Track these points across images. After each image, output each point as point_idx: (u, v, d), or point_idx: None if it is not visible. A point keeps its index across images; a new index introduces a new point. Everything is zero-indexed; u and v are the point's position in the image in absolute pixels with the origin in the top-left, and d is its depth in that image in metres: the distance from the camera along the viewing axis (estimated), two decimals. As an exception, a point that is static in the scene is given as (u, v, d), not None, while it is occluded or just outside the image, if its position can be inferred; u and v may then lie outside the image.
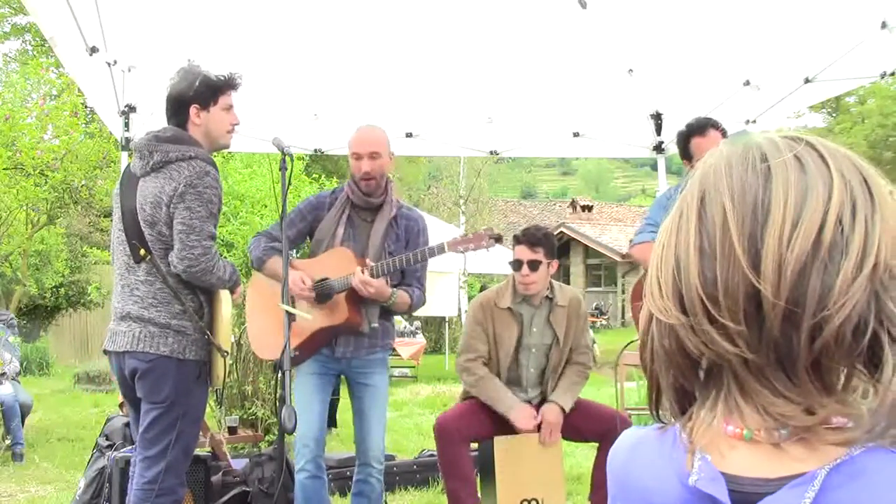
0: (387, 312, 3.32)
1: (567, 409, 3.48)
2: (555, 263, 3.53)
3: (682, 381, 0.72)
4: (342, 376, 3.38)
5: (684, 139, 3.54)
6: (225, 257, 3.34)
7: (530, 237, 3.48)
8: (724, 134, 3.45)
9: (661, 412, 0.76)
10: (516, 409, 3.43)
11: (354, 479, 3.30)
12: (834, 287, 0.62)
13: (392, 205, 3.28)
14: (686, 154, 3.53)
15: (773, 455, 0.67)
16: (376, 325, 3.24)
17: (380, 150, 3.21)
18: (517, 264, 3.49)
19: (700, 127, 3.52)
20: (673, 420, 0.75)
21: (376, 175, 3.21)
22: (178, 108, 2.79)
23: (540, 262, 3.46)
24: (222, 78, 2.83)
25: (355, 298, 3.15)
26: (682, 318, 0.68)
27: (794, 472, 0.65)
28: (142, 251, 2.70)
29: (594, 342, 15.60)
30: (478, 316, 3.56)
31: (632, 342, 4.94)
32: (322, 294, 3.18)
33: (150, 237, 2.70)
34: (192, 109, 2.78)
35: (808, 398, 0.65)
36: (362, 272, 3.05)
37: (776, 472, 0.66)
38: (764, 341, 0.65)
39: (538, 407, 3.55)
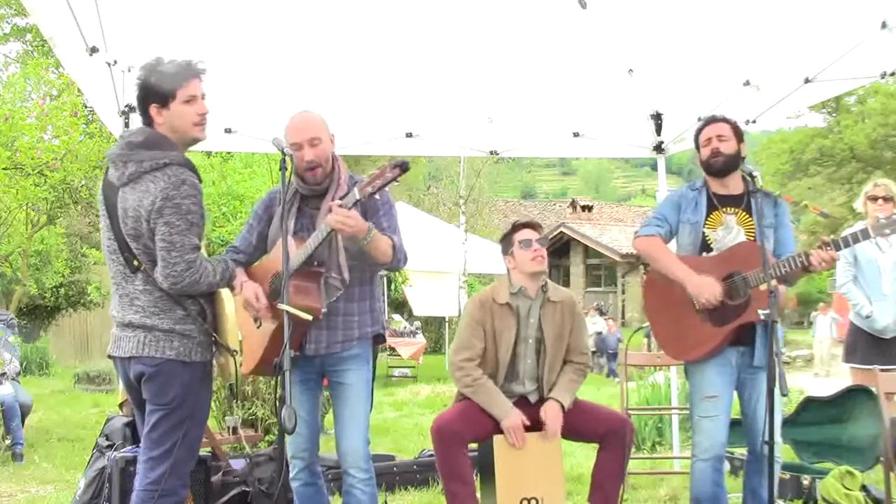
0: (360, 282, 3.05)
1: (566, 406, 3.49)
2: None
3: None
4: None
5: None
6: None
7: (530, 222, 3.67)
8: (734, 127, 3.39)
9: None
10: (510, 417, 3.42)
11: (342, 488, 3.14)
12: None
13: (339, 186, 3.07)
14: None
15: None
16: (337, 306, 3.02)
17: (319, 135, 3.05)
18: (528, 242, 3.53)
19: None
20: None
21: (321, 162, 3.04)
22: (142, 108, 2.71)
23: (543, 241, 3.59)
24: (181, 67, 2.68)
25: (303, 284, 2.93)
26: None
27: None
28: (136, 262, 2.68)
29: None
30: (476, 314, 3.56)
31: (644, 328, 4.91)
32: (275, 292, 2.90)
33: (137, 249, 2.68)
34: (152, 109, 2.68)
35: None
36: (338, 206, 2.78)
37: None
38: None
39: (536, 405, 3.56)
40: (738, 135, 3.37)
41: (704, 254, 3.34)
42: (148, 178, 2.62)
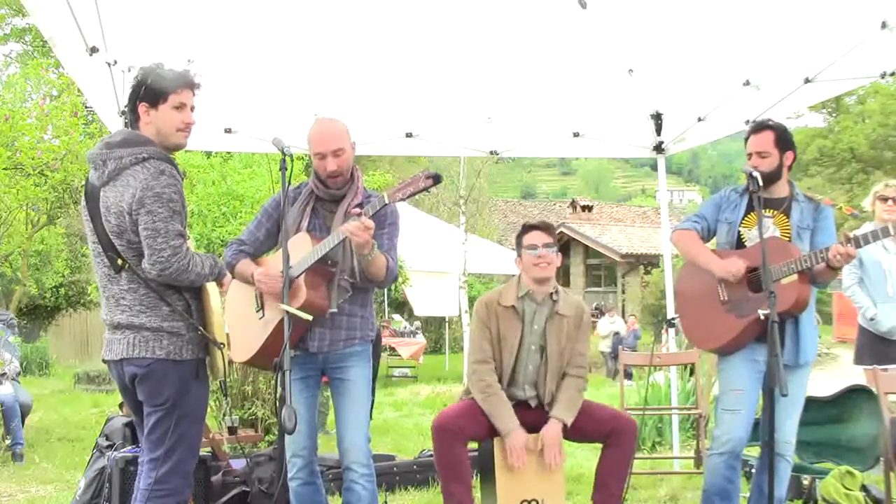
0: (363, 286, 3.13)
1: (569, 424, 3.46)
2: (560, 256, 3.60)
3: None
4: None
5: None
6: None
7: (542, 224, 3.62)
8: (779, 136, 3.35)
9: None
10: (513, 436, 3.39)
11: (342, 485, 3.15)
12: None
13: (355, 193, 3.17)
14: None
15: None
16: (346, 307, 3.09)
17: (343, 146, 3.11)
18: (533, 247, 3.49)
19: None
20: None
21: (343, 171, 3.13)
22: (132, 106, 2.76)
23: (553, 245, 3.54)
24: (178, 74, 2.74)
25: (314, 280, 3.01)
26: None
27: None
28: (119, 261, 2.69)
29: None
30: (482, 315, 3.56)
31: (673, 319, 4.86)
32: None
33: (122, 246, 2.69)
34: (141, 107, 2.73)
35: None
36: (357, 214, 2.87)
37: None
38: None
39: (536, 409, 3.55)
40: (783, 143, 3.34)
41: None
42: (128, 172, 2.65)
